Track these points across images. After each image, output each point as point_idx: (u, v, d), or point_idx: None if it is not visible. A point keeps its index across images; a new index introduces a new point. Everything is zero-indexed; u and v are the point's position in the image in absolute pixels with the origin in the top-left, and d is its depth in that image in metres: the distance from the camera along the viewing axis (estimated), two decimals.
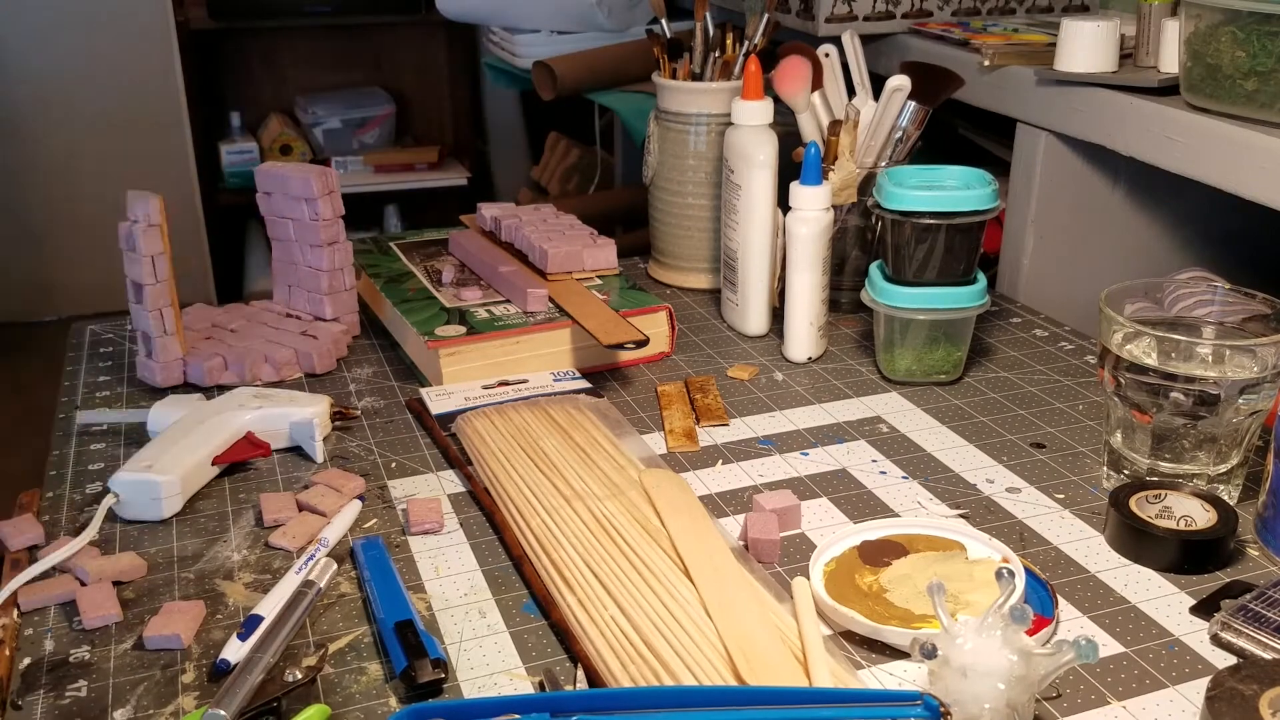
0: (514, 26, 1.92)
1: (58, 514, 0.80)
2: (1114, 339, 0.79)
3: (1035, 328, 1.10)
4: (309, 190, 1.03)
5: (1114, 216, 1.18)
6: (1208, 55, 0.95)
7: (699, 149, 1.17)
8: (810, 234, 1.01)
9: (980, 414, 0.94)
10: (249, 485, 0.84)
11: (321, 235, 1.04)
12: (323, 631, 0.67)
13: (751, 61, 1.07)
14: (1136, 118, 1.03)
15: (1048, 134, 1.13)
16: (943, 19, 1.38)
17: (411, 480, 0.85)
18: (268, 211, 1.07)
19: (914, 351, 0.99)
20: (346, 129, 3.00)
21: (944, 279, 0.96)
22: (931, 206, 0.94)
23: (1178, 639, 0.66)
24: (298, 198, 1.04)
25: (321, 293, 1.07)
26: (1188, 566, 0.72)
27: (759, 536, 0.74)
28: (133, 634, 0.67)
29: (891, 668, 0.64)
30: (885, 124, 1.10)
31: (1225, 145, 0.94)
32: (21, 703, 0.62)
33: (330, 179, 1.05)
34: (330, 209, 1.04)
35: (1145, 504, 0.75)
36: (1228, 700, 0.56)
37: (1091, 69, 1.09)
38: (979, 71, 1.19)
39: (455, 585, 0.72)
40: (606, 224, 1.79)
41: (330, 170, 1.05)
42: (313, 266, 1.06)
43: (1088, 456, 0.87)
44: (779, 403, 0.96)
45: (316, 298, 1.07)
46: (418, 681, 0.62)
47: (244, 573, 0.73)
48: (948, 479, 0.84)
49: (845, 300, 1.14)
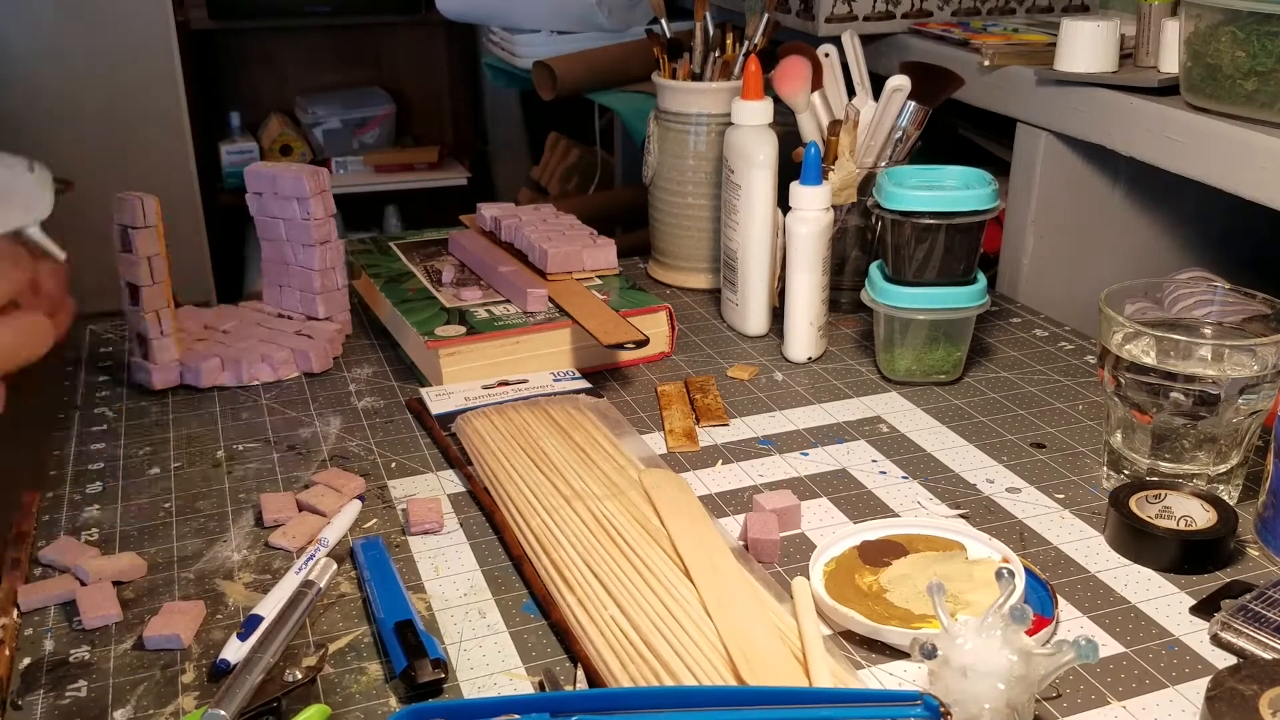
0: (514, 26, 1.92)
1: (58, 514, 0.80)
2: (1114, 339, 0.79)
3: (1035, 328, 1.10)
4: (301, 190, 1.03)
5: (1114, 216, 1.18)
6: (1208, 55, 0.95)
7: (699, 149, 1.17)
8: (810, 234, 1.01)
9: (980, 414, 0.94)
10: (248, 485, 0.84)
11: (314, 234, 1.04)
12: (323, 631, 0.67)
13: (751, 61, 1.07)
14: (1136, 118, 1.03)
15: (1048, 134, 1.13)
16: (943, 19, 1.38)
17: (411, 480, 0.85)
18: (258, 212, 1.07)
19: (914, 351, 0.99)
20: (346, 129, 3.00)
21: (944, 279, 0.96)
22: (931, 206, 0.94)
23: (1178, 639, 0.66)
24: (289, 197, 1.04)
25: (314, 292, 1.07)
26: (1188, 566, 0.72)
27: (759, 536, 0.74)
28: (133, 634, 0.67)
29: (891, 668, 0.64)
30: (885, 124, 1.10)
31: (1225, 145, 0.94)
32: (21, 703, 0.62)
33: (322, 178, 1.04)
34: (322, 208, 1.04)
35: (1145, 504, 0.75)
36: (1228, 700, 0.56)
37: (1091, 69, 1.09)
38: (979, 71, 1.19)
39: (455, 585, 0.72)
40: (606, 224, 1.79)
41: (321, 170, 1.05)
42: (305, 266, 1.06)
43: (1088, 456, 0.87)
44: (779, 403, 0.96)
45: (309, 297, 1.07)
46: (418, 681, 0.61)
47: (244, 572, 0.73)
48: (948, 479, 0.84)
49: (845, 300, 1.14)
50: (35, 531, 0.78)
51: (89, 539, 0.77)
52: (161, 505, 0.81)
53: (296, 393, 0.98)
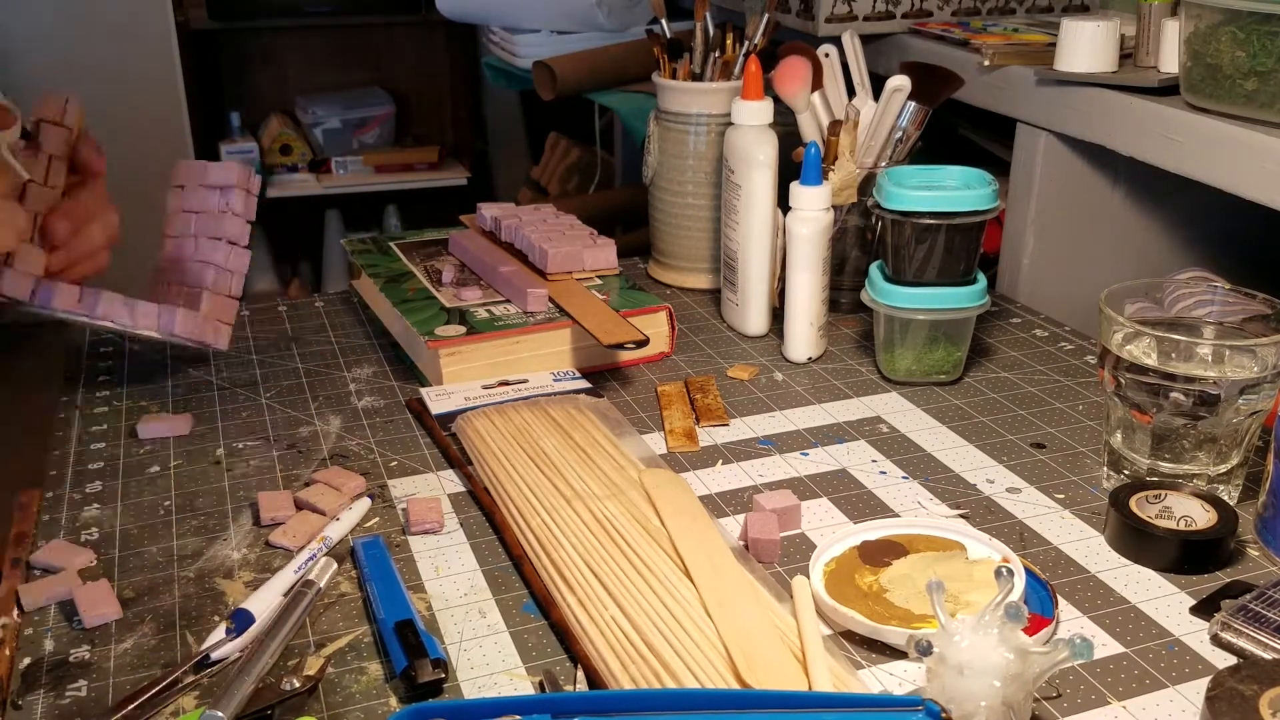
0: (514, 26, 1.92)
1: (58, 513, 0.80)
2: (1114, 339, 0.79)
3: (1035, 328, 1.10)
4: (229, 178, 0.99)
5: (1114, 216, 1.18)
6: (1208, 55, 0.95)
7: (699, 149, 1.17)
8: (810, 234, 1.01)
9: (980, 414, 0.94)
10: (249, 484, 0.84)
11: (225, 228, 0.98)
12: (323, 631, 0.67)
13: (751, 61, 1.07)
14: (1136, 118, 1.03)
15: (1048, 134, 1.13)
16: (943, 19, 1.38)
17: (411, 480, 0.85)
18: (174, 209, 1.01)
19: (914, 352, 0.99)
20: (346, 129, 3.00)
21: (944, 279, 0.96)
22: (931, 206, 0.94)
23: (1178, 639, 0.66)
24: (213, 186, 0.99)
25: (205, 286, 0.98)
26: (1188, 566, 0.72)
27: (759, 536, 0.74)
28: (133, 634, 0.67)
29: (891, 667, 0.64)
30: (885, 124, 1.10)
31: (1225, 145, 0.94)
32: (21, 703, 0.62)
33: (253, 182, 1.00)
34: (242, 205, 0.99)
35: (1145, 504, 0.75)
36: (1228, 700, 0.56)
37: (1091, 69, 1.09)
38: (979, 71, 1.19)
39: (455, 585, 0.72)
40: (606, 224, 1.79)
41: (255, 174, 1.02)
42: (203, 260, 0.99)
43: (1088, 457, 0.87)
44: (779, 403, 0.96)
45: (194, 293, 0.98)
46: (418, 681, 0.61)
47: (244, 571, 0.73)
48: (948, 479, 0.84)
49: (845, 300, 1.14)
50: (36, 531, 0.78)
51: (88, 538, 0.77)
52: (161, 504, 0.81)
53: (296, 392, 0.98)
